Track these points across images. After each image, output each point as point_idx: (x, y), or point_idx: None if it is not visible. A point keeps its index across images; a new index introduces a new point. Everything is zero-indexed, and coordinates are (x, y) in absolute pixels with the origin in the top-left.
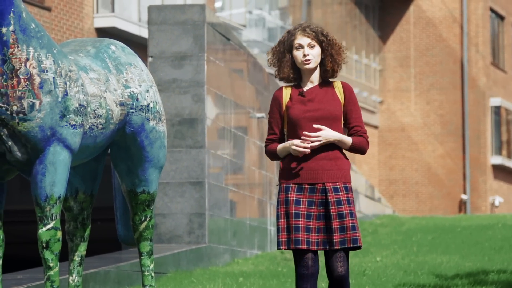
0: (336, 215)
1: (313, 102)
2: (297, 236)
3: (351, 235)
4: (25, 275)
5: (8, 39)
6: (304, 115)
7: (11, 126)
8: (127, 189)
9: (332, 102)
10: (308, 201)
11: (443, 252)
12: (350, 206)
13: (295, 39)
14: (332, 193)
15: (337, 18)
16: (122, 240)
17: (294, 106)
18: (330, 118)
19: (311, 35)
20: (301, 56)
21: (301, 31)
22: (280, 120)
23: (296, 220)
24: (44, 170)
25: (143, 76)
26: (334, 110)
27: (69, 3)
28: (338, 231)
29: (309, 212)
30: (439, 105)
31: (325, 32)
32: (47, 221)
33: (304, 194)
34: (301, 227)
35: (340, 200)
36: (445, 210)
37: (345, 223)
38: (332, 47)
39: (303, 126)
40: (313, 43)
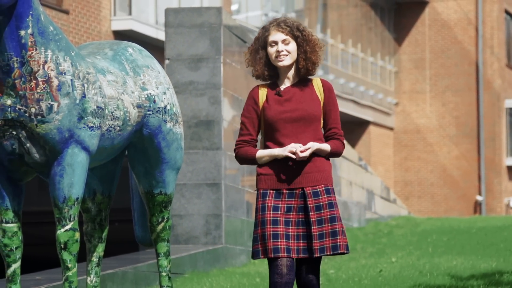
0: (316, 221)
1: (291, 102)
2: (275, 244)
3: (331, 242)
4: (44, 275)
5: (27, 42)
6: (281, 116)
7: (29, 128)
8: (144, 191)
9: (310, 102)
10: (287, 206)
11: (458, 253)
12: (332, 210)
13: (269, 35)
14: (311, 198)
15: (352, 21)
16: (140, 241)
17: (270, 106)
18: (308, 118)
19: (285, 30)
20: (274, 52)
21: (275, 26)
22: (257, 120)
23: (274, 227)
24: (62, 172)
25: (160, 78)
26: (313, 111)
27: (87, 6)
28: (317, 238)
29: (287, 218)
30: (454, 107)
31: (301, 27)
32: (65, 222)
33: (283, 200)
34: (280, 234)
35: (320, 205)
36: (460, 211)
37: (324, 229)
38: (307, 44)
39: (280, 128)
40: (288, 39)
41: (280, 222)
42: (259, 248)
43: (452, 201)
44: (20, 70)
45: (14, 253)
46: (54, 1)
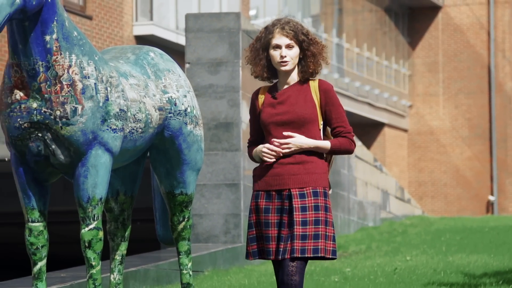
0: (300, 222)
1: (283, 105)
2: (267, 246)
3: (312, 245)
4: (69, 273)
5: (52, 47)
6: (271, 119)
7: (54, 130)
8: (165, 191)
9: (303, 104)
10: (277, 208)
11: (471, 252)
12: (317, 213)
13: (273, 38)
14: (297, 199)
15: (367, 25)
16: (161, 240)
17: (264, 109)
18: (299, 121)
19: (290, 35)
20: (278, 57)
21: (280, 30)
22: (257, 121)
23: (266, 230)
24: (86, 173)
25: (181, 81)
26: (304, 113)
27: (109, 12)
28: (299, 238)
29: (278, 220)
30: (467, 109)
31: (305, 31)
32: (89, 222)
33: (273, 201)
34: (271, 237)
35: (305, 206)
36: (472, 211)
37: (308, 231)
38: (314, 46)
39: (272, 131)
40: (292, 43)
41: (271, 225)
42: (251, 250)
43: (464, 201)
44: (45, 74)
45: (40, 251)
46: (78, 7)
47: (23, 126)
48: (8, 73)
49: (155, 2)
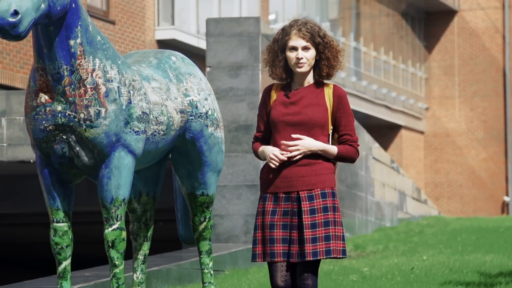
0: (309, 225)
1: (295, 105)
2: (272, 249)
3: (324, 246)
4: (93, 272)
5: (76, 51)
6: (282, 118)
7: (78, 133)
8: (187, 192)
9: (316, 107)
10: (284, 210)
11: (487, 251)
12: (326, 214)
13: (290, 40)
14: (306, 201)
15: (384, 29)
16: (183, 240)
17: (276, 107)
18: (309, 124)
19: (306, 37)
20: (294, 59)
21: (297, 31)
22: (266, 118)
23: (271, 231)
24: (109, 174)
25: (202, 85)
26: (315, 117)
27: (132, 17)
28: (310, 241)
29: (285, 222)
30: (482, 111)
31: (322, 33)
32: (112, 222)
33: (280, 204)
34: (276, 239)
35: (314, 208)
36: (488, 212)
37: (318, 233)
38: (329, 50)
39: (281, 130)
40: (308, 45)
41: (277, 227)
42: (257, 251)
43: (480, 201)
44: (69, 78)
45: (65, 251)
46: (101, 12)
47: (48, 129)
48: (33, 77)
49: (177, 7)
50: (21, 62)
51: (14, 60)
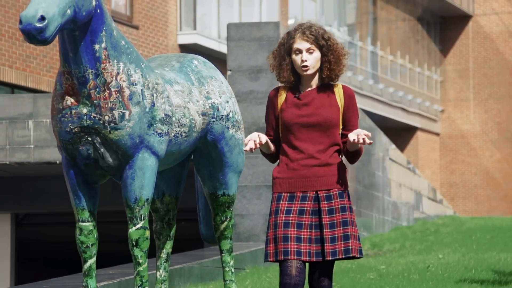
0: (328, 225)
1: (309, 107)
2: (286, 247)
3: (343, 246)
4: (117, 270)
5: (101, 55)
6: (297, 120)
7: (103, 135)
8: (209, 192)
9: (329, 108)
10: (299, 209)
11: (501, 250)
12: (344, 214)
13: (294, 43)
14: (324, 201)
15: (401, 34)
16: (205, 239)
17: (288, 109)
18: (325, 125)
19: (310, 39)
20: (299, 61)
21: (301, 34)
22: (275, 121)
23: (285, 230)
24: (133, 175)
25: (223, 88)
26: (330, 117)
27: (155, 22)
28: (329, 241)
29: (300, 221)
30: (496, 113)
31: (327, 36)
32: (136, 221)
33: (296, 203)
34: (290, 237)
35: (332, 208)
36: (502, 211)
37: (336, 233)
38: (332, 53)
39: (295, 132)
40: (313, 47)
41: (291, 225)
42: (269, 251)
43: (494, 201)
44: (94, 81)
45: (90, 249)
46: (125, 18)
47: (74, 131)
48: (59, 80)
49: (198, 12)
50: (48, 66)
51: (41, 64)
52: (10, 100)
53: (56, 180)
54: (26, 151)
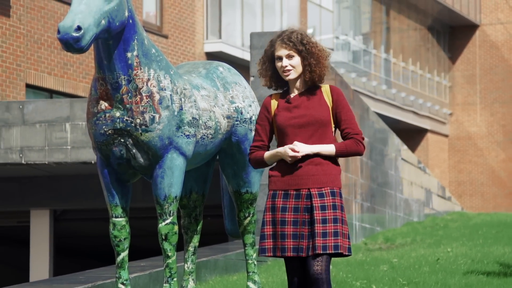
0: (320, 220)
1: (299, 109)
2: (283, 244)
3: (333, 241)
4: (148, 262)
5: (133, 63)
6: (289, 122)
7: (135, 137)
8: (233, 190)
9: (318, 107)
10: (294, 207)
11: (506, 244)
12: (335, 211)
13: (275, 50)
14: (316, 198)
15: (412, 42)
16: (229, 233)
17: (280, 113)
18: (317, 123)
19: (289, 46)
20: (280, 67)
21: (280, 42)
22: (269, 127)
23: (282, 227)
24: (163, 174)
25: (246, 93)
26: (321, 116)
27: (183, 32)
28: (320, 235)
29: (295, 218)
30: (502, 116)
31: (305, 41)
32: (166, 217)
33: (290, 201)
34: (287, 234)
35: (325, 205)
36: (507, 208)
37: (328, 228)
38: (312, 56)
39: (289, 133)
40: (292, 53)
41: (288, 223)
42: (266, 246)
43: (499, 198)
44: (127, 87)
45: (123, 243)
46: (155, 27)
47: (108, 133)
48: (94, 86)
49: (224, 22)
50: (83, 72)
51: (77, 71)
52: (48, 104)
53: (91, 179)
54: (64, 152)
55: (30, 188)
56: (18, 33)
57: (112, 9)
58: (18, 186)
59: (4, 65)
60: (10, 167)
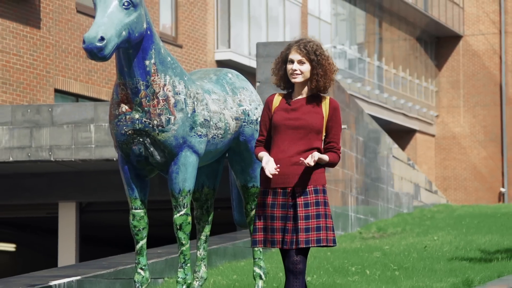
0: (303, 216)
1: (296, 112)
2: (273, 237)
3: (315, 236)
4: (164, 250)
5: (150, 70)
6: (284, 122)
7: (152, 136)
8: (241, 184)
9: (314, 115)
10: (282, 204)
11: (487, 233)
12: (318, 208)
13: (290, 53)
14: (300, 196)
15: (402, 51)
16: (237, 223)
17: (278, 112)
18: (307, 129)
19: (302, 53)
20: (290, 69)
21: (296, 47)
22: (269, 122)
23: (272, 222)
24: (177, 170)
25: (253, 97)
26: (313, 123)
27: (196, 42)
28: (303, 231)
29: (283, 214)
30: (483, 118)
31: (318, 52)
32: (180, 209)
33: (278, 198)
34: (276, 228)
35: (308, 202)
36: (487, 200)
37: (310, 224)
38: (320, 68)
39: (282, 132)
40: (303, 60)
41: (277, 218)
42: (257, 239)
43: (481, 192)
44: (145, 91)
45: (141, 232)
46: (171, 38)
47: (128, 133)
48: (116, 91)
49: (232, 33)
50: (106, 79)
51: (101, 77)
52: (74, 107)
53: (113, 174)
54: (88, 150)
55: (58, 182)
56: (48, 43)
57: (132, 22)
58: (47, 181)
59: (35, 72)
60: (40, 164)
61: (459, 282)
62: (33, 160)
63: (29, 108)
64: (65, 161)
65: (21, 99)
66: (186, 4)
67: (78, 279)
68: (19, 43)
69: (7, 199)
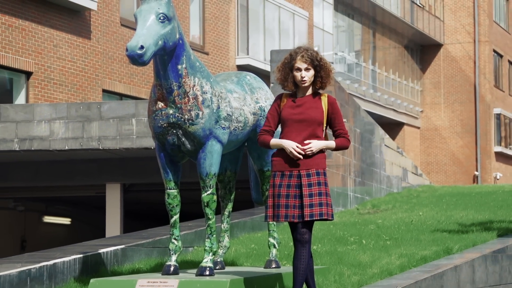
0: (307, 195)
1: (300, 108)
2: (278, 212)
3: (318, 210)
4: (193, 223)
5: (182, 73)
6: (291, 117)
7: (184, 129)
8: (258, 168)
9: (315, 110)
10: (287, 184)
11: (463, 209)
12: (320, 187)
13: (295, 63)
14: (305, 177)
15: (393, 57)
16: (255, 201)
17: (286, 108)
18: (310, 121)
19: (307, 61)
20: (299, 77)
21: (301, 57)
22: (277, 117)
23: (278, 199)
24: (205, 156)
25: (268, 95)
26: (315, 116)
27: (220, 49)
28: (308, 206)
29: (288, 192)
30: (460, 113)
31: (319, 58)
32: (207, 189)
33: (285, 179)
34: (281, 205)
35: (311, 183)
36: (464, 182)
37: (314, 200)
38: (323, 70)
39: (289, 125)
40: (309, 67)
41: (282, 196)
42: (268, 214)
43: (458, 175)
44: (178, 91)
45: (175, 208)
46: (199, 46)
47: (163, 126)
48: (153, 91)
49: (250, 42)
50: (145, 80)
51: (141, 79)
52: (119, 104)
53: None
54: (131, 140)
55: (105, 167)
56: (97, 51)
57: (167, 33)
58: (96, 166)
59: (86, 75)
60: (91, 152)
61: (441, 250)
62: (84, 149)
63: (81, 105)
64: (111, 149)
65: (74, 98)
66: (212, 18)
67: (123, 248)
68: (73, 51)
69: (63, 181)
